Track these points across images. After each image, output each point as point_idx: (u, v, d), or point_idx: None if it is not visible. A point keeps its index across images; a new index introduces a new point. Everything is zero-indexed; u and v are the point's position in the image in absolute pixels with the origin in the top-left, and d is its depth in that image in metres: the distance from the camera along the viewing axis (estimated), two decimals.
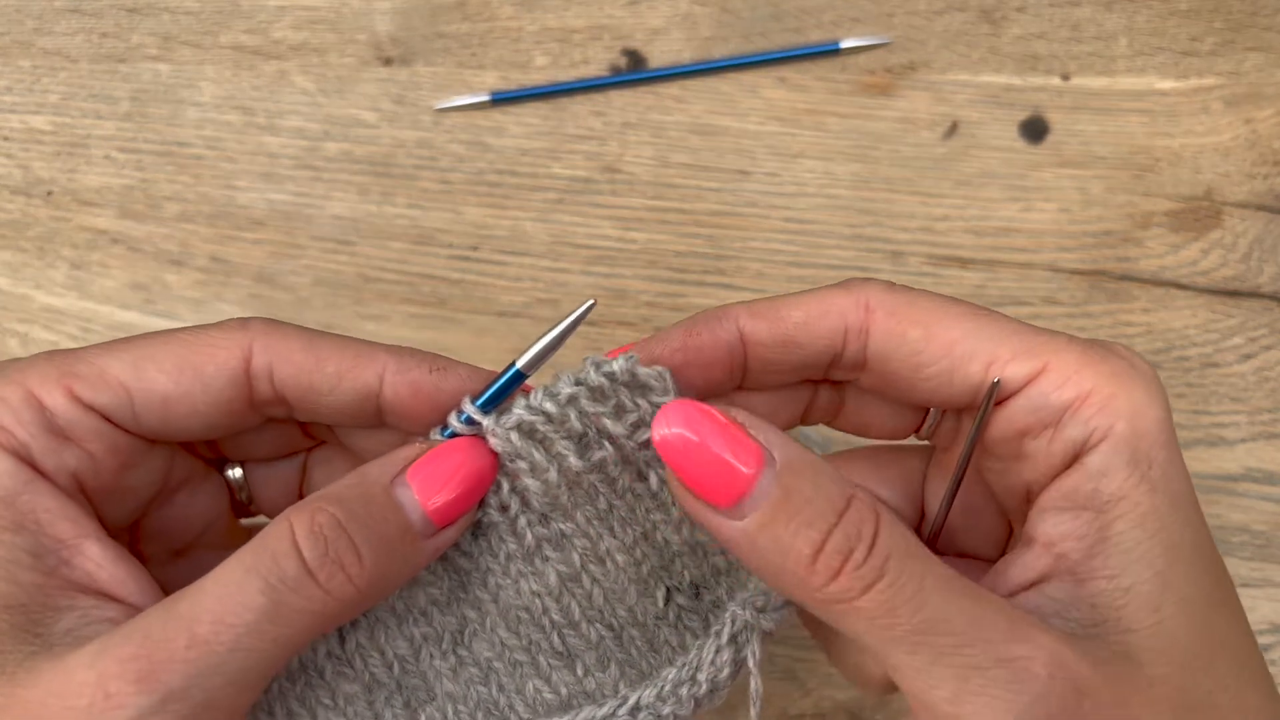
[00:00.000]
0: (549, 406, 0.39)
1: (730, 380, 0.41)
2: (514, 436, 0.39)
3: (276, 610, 0.35)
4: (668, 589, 0.41)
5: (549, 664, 0.42)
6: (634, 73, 0.64)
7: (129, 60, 0.65)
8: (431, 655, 0.42)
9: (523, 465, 0.39)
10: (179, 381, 0.39)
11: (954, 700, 0.33)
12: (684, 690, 0.40)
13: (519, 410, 0.39)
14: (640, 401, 0.39)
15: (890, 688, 0.39)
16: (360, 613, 0.39)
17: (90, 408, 0.39)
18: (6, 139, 0.64)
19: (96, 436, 0.39)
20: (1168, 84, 0.64)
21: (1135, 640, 0.35)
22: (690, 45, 0.65)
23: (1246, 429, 0.60)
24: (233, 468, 0.45)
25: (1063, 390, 0.37)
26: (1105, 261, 0.62)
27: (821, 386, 0.43)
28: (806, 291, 0.40)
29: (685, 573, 0.41)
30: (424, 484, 0.38)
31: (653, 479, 0.40)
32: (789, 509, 0.34)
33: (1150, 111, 0.64)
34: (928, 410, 0.43)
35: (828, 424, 0.45)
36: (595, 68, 0.65)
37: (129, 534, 0.43)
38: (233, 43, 0.65)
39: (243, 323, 0.40)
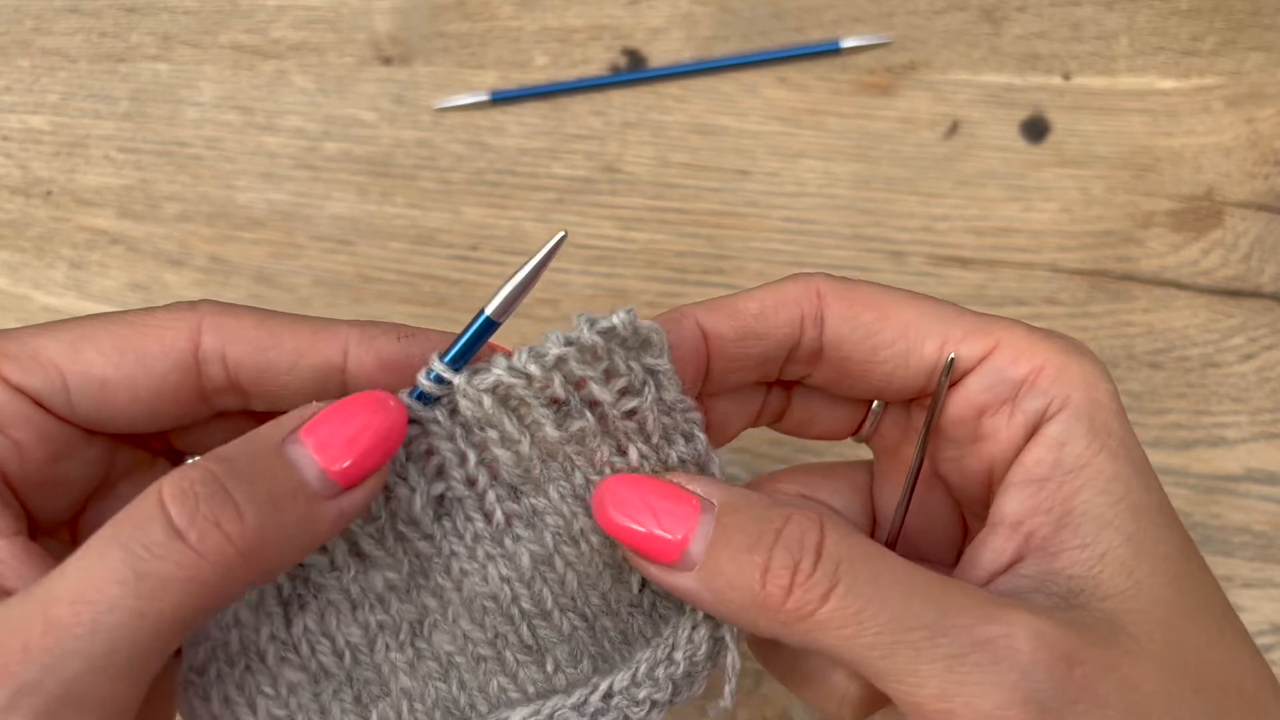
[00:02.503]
0: (533, 369, 0.35)
1: (696, 381, 0.40)
2: (486, 401, 0.36)
3: (140, 581, 0.30)
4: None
5: (516, 659, 0.38)
6: (634, 72, 0.64)
7: (128, 60, 0.65)
8: (387, 646, 0.38)
9: (492, 434, 0.36)
10: (119, 365, 0.36)
11: (942, 696, 0.32)
12: (660, 672, 0.37)
13: (498, 371, 0.35)
14: (634, 365, 0.37)
15: (866, 706, 0.38)
16: (255, 581, 0.34)
17: (19, 390, 0.36)
18: (6, 139, 0.64)
19: (24, 423, 0.36)
20: (1169, 83, 0.64)
21: (1115, 605, 0.34)
22: (690, 45, 0.65)
23: (1248, 429, 0.60)
24: (191, 460, 0.42)
25: (1017, 364, 0.38)
26: (1106, 261, 0.62)
27: (772, 390, 0.43)
28: (757, 287, 0.40)
29: None
30: (321, 441, 0.34)
31: (632, 453, 0.38)
32: (728, 543, 0.34)
33: (1151, 111, 0.64)
34: (868, 410, 0.43)
35: (772, 425, 0.44)
36: (595, 67, 0.65)
37: (69, 530, 0.40)
38: (232, 42, 0.65)
39: (191, 304, 0.37)
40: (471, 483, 0.37)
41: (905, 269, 0.62)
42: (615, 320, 0.36)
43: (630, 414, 0.37)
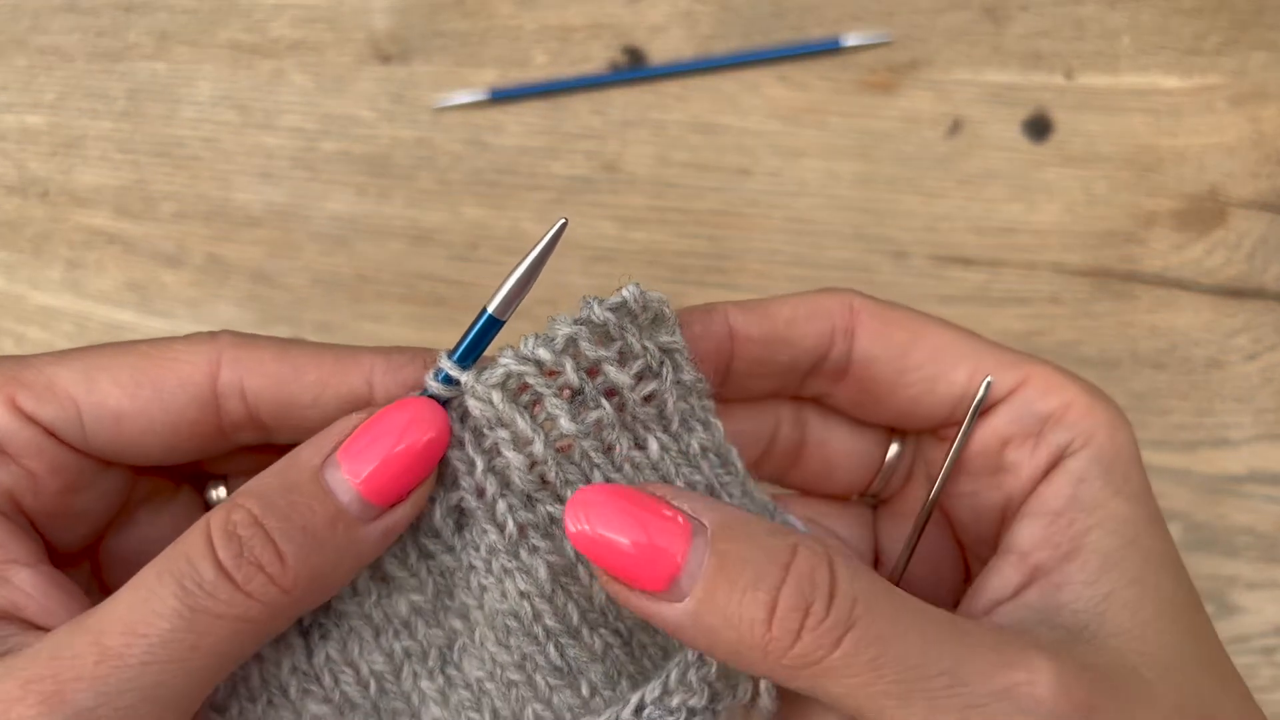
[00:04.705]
0: (543, 353, 0.34)
1: (714, 380, 0.39)
2: (496, 397, 0.34)
3: (193, 617, 0.31)
4: None
5: (548, 683, 0.35)
6: (634, 70, 0.64)
7: (125, 58, 0.64)
8: (416, 674, 0.36)
9: (503, 435, 0.34)
10: (135, 396, 0.35)
11: None
12: (692, 675, 0.34)
13: (506, 361, 0.34)
14: (649, 345, 0.35)
15: None
16: (306, 609, 0.35)
17: (32, 420, 0.35)
18: (2, 138, 0.64)
19: (37, 453, 0.35)
20: (1172, 82, 0.64)
21: (1123, 644, 0.34)
22: (691, 43, 0.64)
23: (1251, 429, 0.59)
24: (216, 487, 0.41)
25: (1046, 399, 0.37)
26: (1109, 261, 0.62)
27: (783, 418, 0.42)
28: (791, 294, 0.39)
29: None
30: (357, 461, 0.33)
31: (652, 446, 0.35)
32: (728, 575, 0.31)
33: (1154, 110, 0.63)
34: (883, 460, 0.42)
35: (779, 481, 0.43)
36: (595, 65, 0.64)
37: (89, 558, 0.39)
38: (229, 40, 0.64)
39: (211, 335, 0.36)
40: (480, 493, 0.36)
41: (907, 269, 0.61)
42: (625, 294, 0.35)
43: (649, 399, 0.35)
